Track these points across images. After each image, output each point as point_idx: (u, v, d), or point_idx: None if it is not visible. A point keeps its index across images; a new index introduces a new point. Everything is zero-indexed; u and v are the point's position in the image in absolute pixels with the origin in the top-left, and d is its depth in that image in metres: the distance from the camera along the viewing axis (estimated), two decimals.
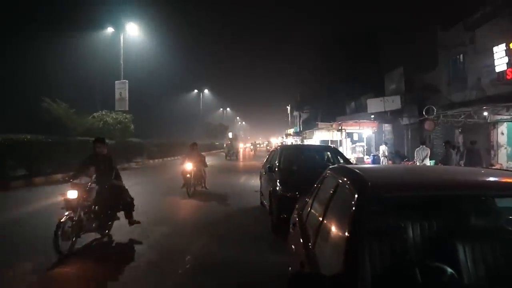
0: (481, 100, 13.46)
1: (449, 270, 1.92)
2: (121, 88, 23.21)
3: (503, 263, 2.11)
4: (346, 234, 1.96)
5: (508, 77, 11.13)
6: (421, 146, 13.59)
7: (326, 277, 1.79)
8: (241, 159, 34.93)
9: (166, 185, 13.65)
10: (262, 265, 5.15)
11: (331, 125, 23.38)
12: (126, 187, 6.42)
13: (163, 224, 7.35)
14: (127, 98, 23.24)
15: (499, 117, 13.22)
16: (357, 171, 2.56)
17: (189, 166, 11.08)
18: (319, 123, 26.83)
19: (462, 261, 2.11)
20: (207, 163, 12.40)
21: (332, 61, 40.17)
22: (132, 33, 24.67)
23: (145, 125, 10.16)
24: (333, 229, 2.41)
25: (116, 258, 5.35)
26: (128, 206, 6.29)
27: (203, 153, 12.79)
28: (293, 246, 3.35)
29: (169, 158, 30.36)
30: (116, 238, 6.20)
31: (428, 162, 13.16)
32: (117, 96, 23.32)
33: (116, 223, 6.30)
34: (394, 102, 20.00)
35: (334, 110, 33.16)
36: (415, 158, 13.28)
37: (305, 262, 2.57)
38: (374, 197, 2.05)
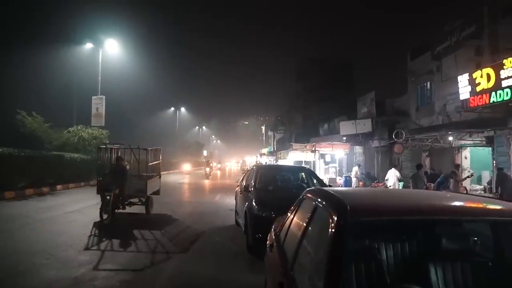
0: (446, 125, 14.16)
1: None
2: (98, 104, 22.83)
3: (472, 284, 2.22)
4: (326, 257, 1.99)
5: (471, 105, 11.75)
6: (392, 168, 14.01)
7: None
8: None
9: None
10: (242, 285, 5.16)
11: (305, 146, 23.76)
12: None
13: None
14: (103, 114, 22.86)
15: (463, 142, 13.90)
16: (336, 194, 2.63)
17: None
18: (293, 144, 27.20)
19: (435, 282, 2.20)
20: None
21: (307, 84, 41.21)
22: (111, 49, 24.53)
23: (124, 141, 10.23)
24: (312, 251, 2.45)
25: None
26: None
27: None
28: (271, 267, 3.36)
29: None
30: None
31: (397, 184, 13.59)
32: (93, 111, 22.89)
33: None
34: (365, 125, 20.64)
35: (307, 131, 33.80)
36: (390, 179, 13.58)
37: (284, 283, 2.59)
38: (353, 221, 2.11)
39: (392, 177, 13.48)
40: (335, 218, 2.15)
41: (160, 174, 12.29)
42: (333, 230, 2.08)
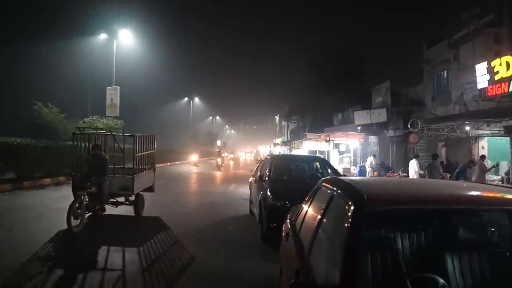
0: (463, 115, 13.90)
1: (441, 281, 2.01)
2: (113, 94, 23.02)
3: (489, 274, 2.23)
4: (343, 246, 2.01)
5: (489, 94, 11.50)
6: (413, 159, 13.72)
7: (326, 287, 1.86)
8: None
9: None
10: (256, 274, 5.18)
11: (320, 136, 23.66)
12: None
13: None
14: (118, 104, 23.06)
15: (480, 131, 13.65)
16: (353, 184, 2.65)
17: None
18: (307, 133, 27.11)
19: (451, 272, 2.22)
20: None
21: (321, 74, 40.78)
22: (125, 39, 24.60)
23: (136, 132, 10.12)
24: (328, 240, 2.49)
25: None
26: None
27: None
28: (287, 256, 3.41)
29: (159, 165, 30.35)
30: None
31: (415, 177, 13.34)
32: (108, 102, 23.12)
33: None
34: (380, 115, 20.38)
35: (321, 121, 33.56)
36: (410, 171, 13.33)
37: (300, 271, 2.63)
38: (370, 210, 2.13)
39: (411, 169, 13.19)
40: (352, 208, 2.17)
41: (154, 167, 10.14)
42: (349, 219, 2.10)
